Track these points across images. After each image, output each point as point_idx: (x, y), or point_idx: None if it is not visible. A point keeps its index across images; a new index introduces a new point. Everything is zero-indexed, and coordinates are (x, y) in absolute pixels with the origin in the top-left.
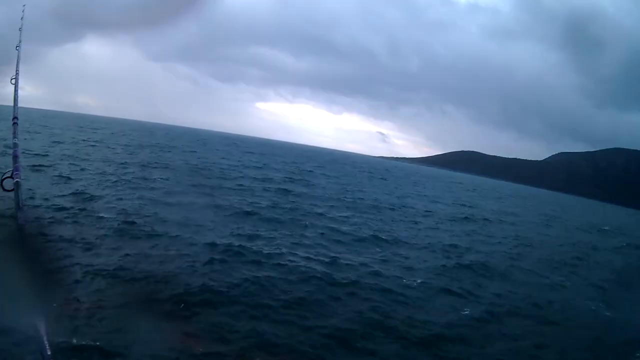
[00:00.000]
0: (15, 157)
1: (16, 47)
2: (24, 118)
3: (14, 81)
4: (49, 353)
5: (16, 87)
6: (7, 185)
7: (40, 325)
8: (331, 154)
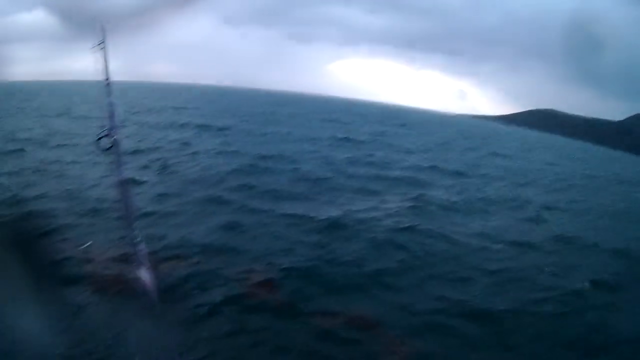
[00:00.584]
0: (111, 117)
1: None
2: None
3: (102, 45)
4: None
5: (105, 49)
6: (104, 144)
7: None
8: (421, 113)
